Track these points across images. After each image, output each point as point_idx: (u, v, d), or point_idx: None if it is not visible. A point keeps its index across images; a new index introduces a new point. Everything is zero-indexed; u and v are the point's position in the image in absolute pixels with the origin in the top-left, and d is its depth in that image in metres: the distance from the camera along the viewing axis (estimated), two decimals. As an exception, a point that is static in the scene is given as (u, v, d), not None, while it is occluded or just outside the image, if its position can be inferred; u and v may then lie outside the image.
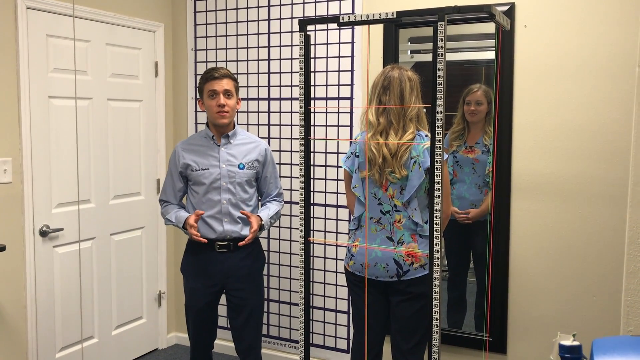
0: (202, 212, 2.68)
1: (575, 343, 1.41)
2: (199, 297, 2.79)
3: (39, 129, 3.00)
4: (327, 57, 3.32)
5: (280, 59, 3.47)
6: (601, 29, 2.66)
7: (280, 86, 3.48)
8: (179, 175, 2.81)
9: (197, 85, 2.84)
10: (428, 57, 3.22)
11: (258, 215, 2.77)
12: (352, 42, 3.24)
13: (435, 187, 1.84)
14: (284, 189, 3.48)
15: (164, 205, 2.87)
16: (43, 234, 3.04)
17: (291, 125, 3.46)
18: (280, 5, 3.43)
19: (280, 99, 3.49)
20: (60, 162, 3.11)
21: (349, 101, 3.27)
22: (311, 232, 3.38)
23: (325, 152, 3.36)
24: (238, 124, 3.58)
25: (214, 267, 2.76)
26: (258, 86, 3.55)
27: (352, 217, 2.58)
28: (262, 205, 2.92)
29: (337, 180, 3.34)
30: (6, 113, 2.85)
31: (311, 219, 3.40)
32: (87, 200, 3.30)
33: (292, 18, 3.40)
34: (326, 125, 3.35)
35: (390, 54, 3.08)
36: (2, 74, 2.82)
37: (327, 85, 3.33)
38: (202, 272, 2.78)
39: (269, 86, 3.52)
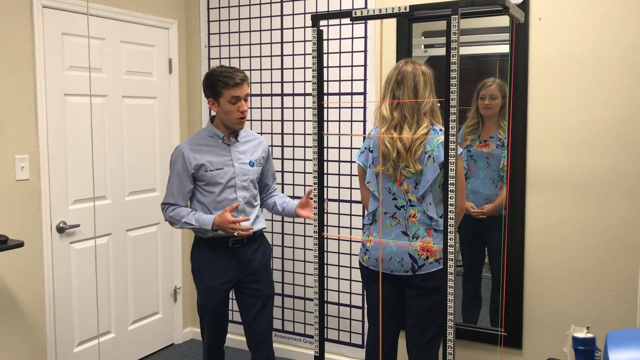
0: (238, 204, 2.72)
1: (589, 335, 1.40)
2: (215, 294, 2.79)
3: (55, 127, 3.03)
4: (340, 52, 3.31)
5: (293, 55, 3.47)
6: (617, 22, 2.63)
7: (293, 82, 3.49)
8: (190, 177, 2.74)
9: (212, 87, 2.68)
10: (442, 52, 3.21)
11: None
12: (365, 37, 3.23)
13: (450, 182, 1.84)
14: (297, 184, 3.50)
15: (173, 209, 2.77)
16: (60, 230, 3.07)
17: (304, 120, 3.47)
18: (293, 0, 3.43)
19: (293, 94, 3.49)
20: (77, 159, 3.14)
21: (362, 96, 3.27)
22: (325, 227, 3.38)
23: (339, 148, 3.37)
24: (252, 120, 3.61)
25: (229, 263, 2.78)
26: (271, 82, 3.56)
27: (366, 212, 2.58)
28: (269, 197, 2.98)
29: (351, 175, 3.34)
30: (23, 111, 2.89)
31: (325, 214, 3.40)
32: (103, 197, 3.33)
33: (304, 13, 3.40)
34: (339, 121, 3.35)
35: (404, 49, 3.07)
36: (18, 72, 2.86)
37: (340, 80, 3.32)
38: (217, 269, 2.78)
39: (282, 82, 3.52)
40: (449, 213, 1.85)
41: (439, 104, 2.45)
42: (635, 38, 2.60)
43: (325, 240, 3.31)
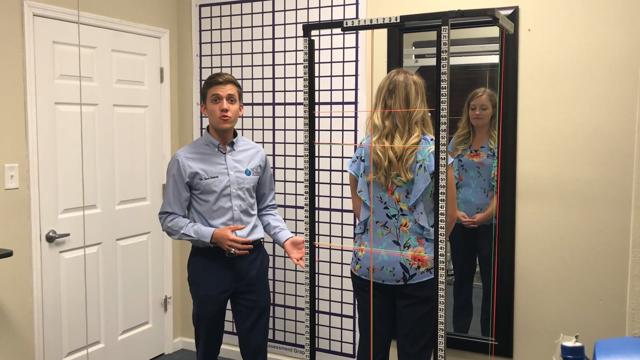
0: (242, 227, 2.75)
1: (578, 344, 1.41)
2: (212, 304, 2.78)
3: (46, 135, 3.02)
4: (331, 62, 3.33)
5: (284, 64, 3.48)
6: (605, 33, 2.66)
7: (284, 91, 3.49)
8: (185, 185, 2.75)
9: (201, 90, 2.83)
10: (432, 62, 3.23)
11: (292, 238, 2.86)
12: (356, 47, 3.25)
13: (440, 191, 1.84)
14: (289, 194, 3.50)
15: (172, 219, 2.76)
16: (49, 239, 3.05)
17: (296, 130, 3.47)
18: (285, 10, 3.45)
19: (284, 103, 3.50)
20: (67, 167, 3.13)
21: (353, 106, 3.28)
22: (316, 236, 3.38)
23: (330, 157, 3.37)
24: (243, 129, 3.61)
25: (225, 272, 2.77)
26: (263, 91, 3.56)
27: (357, 221, 2.58)
28: (265, 215, 2.97)
29: (342, 184, 3.34)
30: (13, 119, 2.87)
31: (316, 224, 3.40)
32: (93, 206, 3.31)
33: (296, 23, 3.42)
34: (331, 130, 3.36)
35: (395, 59, 3.09)
36: (9, 81, 2.85)
37: (331, 90, 3.34)
38: (214, 279, 2.77)
39: (273, 91, 3.53)
40: (439, 222, 1.85)
41: (430, 114, 2.47)
42: (623, 48, 2.63)
43: (316, 249, 3.31)
